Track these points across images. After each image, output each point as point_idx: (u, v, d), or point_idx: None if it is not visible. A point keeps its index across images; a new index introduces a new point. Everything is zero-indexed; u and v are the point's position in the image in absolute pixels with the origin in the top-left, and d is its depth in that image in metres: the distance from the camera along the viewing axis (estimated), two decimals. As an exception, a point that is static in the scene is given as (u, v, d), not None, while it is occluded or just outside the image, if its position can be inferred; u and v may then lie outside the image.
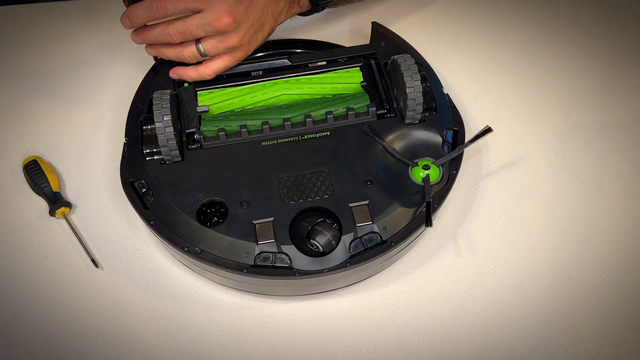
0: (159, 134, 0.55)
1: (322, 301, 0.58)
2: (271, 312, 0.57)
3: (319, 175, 0.56)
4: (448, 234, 0.62)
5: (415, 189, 0.56)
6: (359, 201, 0.55)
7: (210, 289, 0.58)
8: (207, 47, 0.59)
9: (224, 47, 0.58)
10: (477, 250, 0.61)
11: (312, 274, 0.52)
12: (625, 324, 0.56)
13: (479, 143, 0.64)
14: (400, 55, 0.60)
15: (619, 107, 0.71)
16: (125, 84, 0.72)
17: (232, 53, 0.60)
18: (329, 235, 0.52)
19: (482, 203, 0.63)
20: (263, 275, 0.52)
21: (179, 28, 0.57)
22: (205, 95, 0.62)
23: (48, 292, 0.58)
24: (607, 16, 0.79)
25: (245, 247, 0.52)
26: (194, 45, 0.59)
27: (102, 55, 0.75)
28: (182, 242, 0.53)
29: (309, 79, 0.63)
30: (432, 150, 0.59)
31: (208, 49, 0.59)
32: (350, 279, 0.57)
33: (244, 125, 0.59)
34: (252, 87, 0.62)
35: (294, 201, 0.55)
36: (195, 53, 0.59)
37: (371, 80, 0.63)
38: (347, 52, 0.66)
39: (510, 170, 0.66)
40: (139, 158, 0.57)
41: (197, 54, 0.59)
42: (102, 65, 0.74)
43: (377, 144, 0.59)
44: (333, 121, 0.60)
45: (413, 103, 0.58)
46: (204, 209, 0.55)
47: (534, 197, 0.64)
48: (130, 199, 0.55)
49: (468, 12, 0.80)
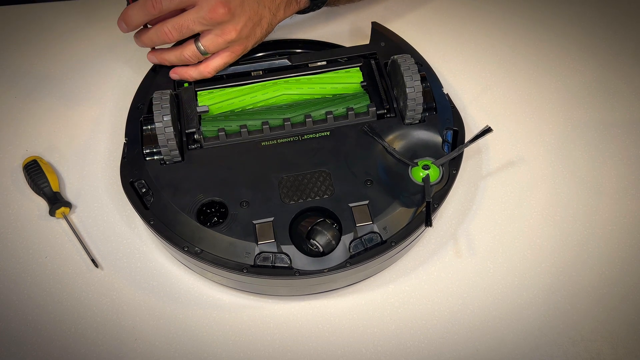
0: (159, 134, 0.55)
1: (322, 301, 0.58)
2: (271, 312, 0.57)
3: (319, 175, 0.56)
4: (448, 234, 0.62)
5: (415, 189, 0.56)
6: (359, 201, 0.55)
7: (210, 289, 0.58)
8: (206, 42, 0.59)
9: (222, 40, 0.58)
10: (477, 250, 0.61)
11: (312, 274, 0.52)
12: (625, 324, 0.56)
13: (478, 143, 0.64)
14: (400, 55, 0.60)
15: (619, 107, 0.71)
16: (125, 84, 0.72)
17: (231, 48, 0.60)
18: (329, 235, 0.52)
19: (482, 203, 0.63)
20: (263, 275, 0.52)
21: (174, 24, 0.57)
22: (205, 96, 0.62)
23: (48, 292, 0.58)
24: (607, 15, 0.79)
25: (245, 247, 0.52)
26: (193, 44, 0.59)
27: (102, 55, 0.75)
28: (182, 242, 0.53)
29: (309, 79, 0.63)
30: (432, 150, 0.59)
31: (207, 45, 0.59)
32: (350, 279, 0.57)
33: (244, 125, 0.59)
34: (252, 87, 0.62)
35: (293, 201, 0.55)
36: (195, 52, 0.59)
37: (371, 80, 0.63)
38: (347, 52, 0.66)
39: (510, 170, 0.66)
40: (139, 158, 0.57)
41: (197, 53, 0.60)
42: (102, 65, 0.74)
43: (377, 144, 0.59)
44: (333, 121, 0.60)
45: (413, 103, 0.58)
46: (204, 208, 0.55)
47: (534, 197, 0.64)
48: (130, 199, 0.55)
49: (468, 12, 0.80)
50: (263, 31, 0.62)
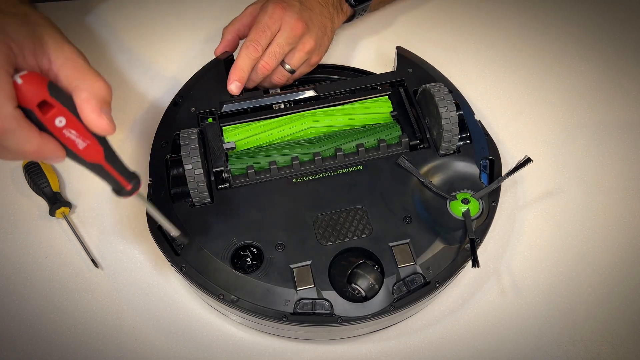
0: (188, 176, 0.52)
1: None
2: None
3: (355, 213, 0.54)
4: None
5: (455, 224, 0.54)
6: (399, 240, 0.52)
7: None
8: (292, 60, 0.63)
9: (304, 53, 0.63)
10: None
11: (355, 321, 0.49)
12: (625, 324, 0.56)
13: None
14: (432, 85, 0.58)
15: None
16: (125, 83, 0.71)
17: (308, 62, 0.65)
18: (371, 278, 0.50)
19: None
20: (304, 324, 0.49)
21: (268, 54, 0.61)
22: (231, 131, 0.59)
23: (48, 292, 0.58)
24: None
25: (284, 293, 0.50)
26: (281, 67, 0.63)
27: (102, 55, 0.74)
28: (217, 289, 0.51)
29: (337, 110, 0.61)
30: (470, 182, 0.57)
31: (292, 62, 0.63)
32: (391, 321, 0.55)
33: (273, 161, 0.57)
34: (279, 120, 0.60)
35: (331, 242, 0.53)
36: (284, 73, 0.64)
37: (401, 110, 0.61)
38: (374, 80, 0.64)
39: (514, 176, 0.64)
40: (166, 201, 0.55)
41: (285, 73, 0.64)
42: (102, 65, 0.73)
43: (412, 177, 0.56)
44: (365, 154, 0.58)
45: (449, 134, 0.56)
46: (239, 252, 0.53)
47: (533, 197, 0.63)
48: (160, 245, 0.53)
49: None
50: (329, 39, 0.67)
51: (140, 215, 0.62)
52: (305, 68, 0.65)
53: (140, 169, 0.65)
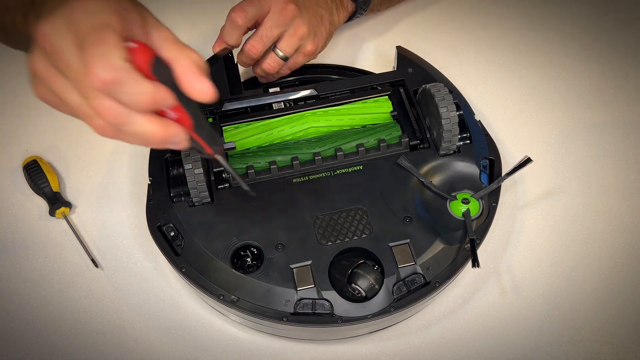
0: (188, 176, 0.52)
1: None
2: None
3: (355, 213, 0.54)
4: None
5: (456, 224, 0.54)
6: (399, 240, 0.52)
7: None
8: (283, 45, 0.61)
9: (297, 38, 0.61)
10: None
11: (355, 321, 0.49)
12: (625, 324, 0.56)
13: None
14: (432, 85, 0.58)
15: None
16: None
17: (302, 50, 0.63)
18: (371, 278, 0.50)
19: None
20: (304, 324, 0.49)
21: (254, 38, 0.60)
22: (231, 131, 0.59)
23: (48, 292, 0.58)
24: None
25: (284, 293, 0.50)
26: (272, 52, 0.62)
27: None
28: (217, 289, 0.51)
29: (337, 110, 0.61)
30: (470, 182, 0.57)
31: (284, 47, 0.61)
32: (391, 321, 0.55)
33: (273, 161, 0.57)
34: (279, 120, 0.60)
35: (331, 242, 0.53)
36: (276, 59, 0.62)
37: (401, 109, 0.61)
38: (374, 80, 0.63)
39: (514, 176, 0.65)
40: (166, 200, 0.55)
41: (278, 60, 0.62)
42: None
43: (412, 177, 0.56)
44: (365, 154, 0.58)
45: (449, 134, 0.56)
46: (239, 252, 0.53)
47: (533, 197, 0.63)
48: (160, 245, 0.53)
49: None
50: (327, 31, 0.65)
51: (140, 215, 0.62)
52: (300, 57, 0.64)
53: (140, 168, 0.66)
